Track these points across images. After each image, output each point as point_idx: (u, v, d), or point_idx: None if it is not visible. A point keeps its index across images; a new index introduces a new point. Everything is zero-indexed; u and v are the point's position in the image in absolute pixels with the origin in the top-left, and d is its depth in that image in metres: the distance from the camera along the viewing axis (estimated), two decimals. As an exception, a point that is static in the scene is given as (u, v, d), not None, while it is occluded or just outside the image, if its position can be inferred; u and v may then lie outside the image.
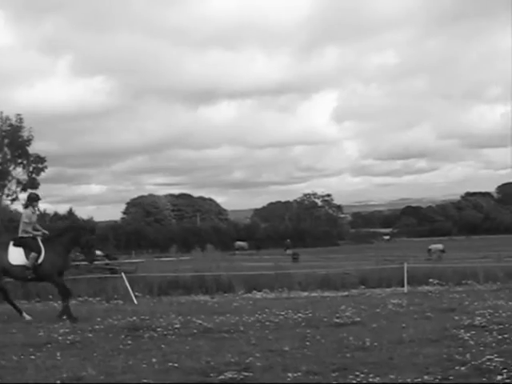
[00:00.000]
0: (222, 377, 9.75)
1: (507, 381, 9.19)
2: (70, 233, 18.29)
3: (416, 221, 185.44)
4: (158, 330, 14.69)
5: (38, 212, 18.99)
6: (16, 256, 17.77)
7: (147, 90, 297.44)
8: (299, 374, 9.90)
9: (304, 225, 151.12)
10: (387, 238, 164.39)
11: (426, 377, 9.44)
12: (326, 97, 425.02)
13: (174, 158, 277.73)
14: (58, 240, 18.03)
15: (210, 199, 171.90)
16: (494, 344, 12.07)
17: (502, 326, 14.19)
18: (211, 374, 10.01)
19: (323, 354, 11.54)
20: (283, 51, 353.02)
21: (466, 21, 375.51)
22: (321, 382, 9.44)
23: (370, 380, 9.29)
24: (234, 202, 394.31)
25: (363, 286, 28.88)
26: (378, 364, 10.53)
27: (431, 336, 13.19)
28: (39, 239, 17.98)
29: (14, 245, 17.93)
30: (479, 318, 15.21)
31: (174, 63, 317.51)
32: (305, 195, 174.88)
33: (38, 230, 18.19)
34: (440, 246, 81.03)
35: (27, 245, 17.79)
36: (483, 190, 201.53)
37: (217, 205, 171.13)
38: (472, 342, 12.21)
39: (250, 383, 9.50)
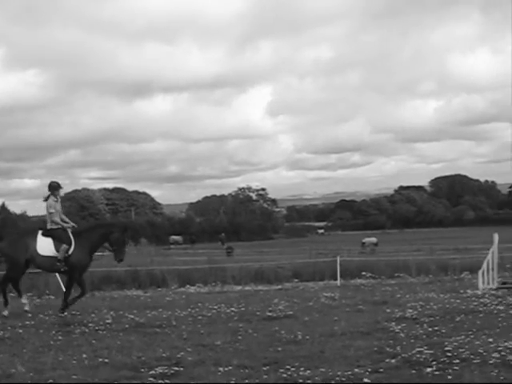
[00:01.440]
0: (152, 372, 9.67)
1: (436, 373, 9.27)
2: (100, 229, 17.86)
3: (350, 214, 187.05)
4: (90, 325, 14.55)
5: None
6: (45, 246, 17.13)
7: (82, 84, 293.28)
8: (230, 368, 9.87)
9: (239, 219, 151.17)
10: (321, 231, 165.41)
11: (356, 369, 9.48)
12: (261, 91, 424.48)
13: (108, 152, 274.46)
14: (88, 235, 17.47)
15: (145, 193, 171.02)
16: (424, 336, 12.21)
17: (432, 319, 14.38)
18: (142, 369, 9.93)
19: (255, 348, 11.52)
20: (219, 45, 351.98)
21: (401, 16, 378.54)
22: (252, 375, 9.40)
23: (301, 373, 9.29)
24: (169, 196, 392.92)
25: (297, 280, 28.98)
26: (309, 357, 10.55)
27: (363, 329, 13.28)
28: (69, 231, 17.42)
29: (43, 235, 17.33)
30: (410, 311, 15.38)
31: (109, 56, 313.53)
32: (240, 189, 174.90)
33: (65, 222, 17.63)
34: (373, 240, 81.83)
35: (57, 236, 17.20)
36: (416, 184, 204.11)
37: (151, 199, 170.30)
38: (403, 335, 12.34)
39: (180, 382, 9.40)
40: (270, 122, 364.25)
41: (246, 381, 9.10)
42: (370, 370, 9.53)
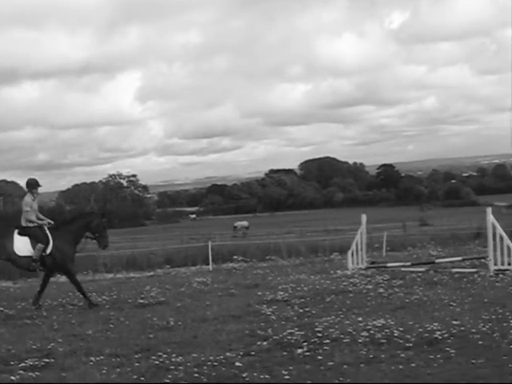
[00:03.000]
0: (22, 364, 9.47)
1: (307, 353, 9.41)
2: (79, 220, 17.10)
3: (222, 199, 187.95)
4: (-44, 319, 14.09)
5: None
6: (22, 246, 16.36)
7: None
8: (102, 357, 9.76)
9: (110, 206, 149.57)
10: (194, 216, 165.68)
11: (228, 353, 9.52)
12: (130, 77, 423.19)
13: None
14: (67, 228, 16.77)
15: (14, 182, 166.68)
16: (295, 318, 12.39)
17: (303, 300, 14.60)
18: (12, 362, 9.71)
19: (127, 336, 11.43)
20: (86, 31, 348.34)
21: (267, 1, 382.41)
22: (124, 364, 9.31)
23: (173, 359, 9.26)
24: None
25: (169, 266, 28.84)
26: (181, 343, 10.54)
27: (234, 312, 13.35)
28: (46, 228, 16.63)
29: (19, 234, 16.52)
30: (282, 293, 15.56)
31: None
32: (110, 176, 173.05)
33: (41, 219, 16.80)
34: (245, 223, 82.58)
35: (33, 235, 16.43)
36: (286, 167, 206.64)
37: (20, 188, 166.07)
38: (274, 317, 12.48)
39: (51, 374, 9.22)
40: (140, 107, 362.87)
41: (118, 369, 9.00)
42: (241, 353, 9.59)
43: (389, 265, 20.09)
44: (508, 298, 13.43)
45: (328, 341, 10.02)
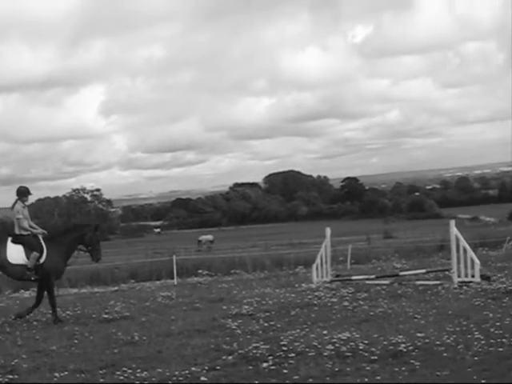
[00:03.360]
0: (-15, 381, 9.35)
1: (273, 367, 9.40)
2: (74, 232, 16.82)
3: (186, 213, 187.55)
4: None
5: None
6: (15, 254, 16.02)
7: None
8: (66, 373, 9.66)
9: (74, 220, 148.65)
10: (158, 230, 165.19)
11: (193, 368, 9.48)
12: (94, 90, 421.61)
13: None
14: (61, 239, 16.50)
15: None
16: (260, 332, 12.36)
17: (268, 314, 14.59)
18: (-27, 380, 9.58)
19: (91, 351, 11.33)
20: (49, 45, 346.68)
21: (231, 16, 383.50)
22: (88, 379, 9.24)
23: (138, 375, 9.21)
24: (2, 199, 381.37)
25: (133, 280, 28.71)
26: (146, 358, 10.48)
27: (199, 327, 13.30)
28: (40, 237, 16.35)
29: (13, 242, 16.20)
30: (247, 307, 15.54)
31: None
32: (74, 190, 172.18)
33: (34, 228, 16.53)
34: (210, 237, 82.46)
35: (27, 243, 16.12)
36: (251, 181, 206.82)
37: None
38: (239, 331, 12.45)
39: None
40: (103, 121, 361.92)
41: (82, 385, 8.93)
42: (207, 367, 9.56)
43: (353, 278, 20.16)
44: (472, 309, 13.53)
45: (293, 354, 10.01)
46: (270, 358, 9.90)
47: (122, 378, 9.13)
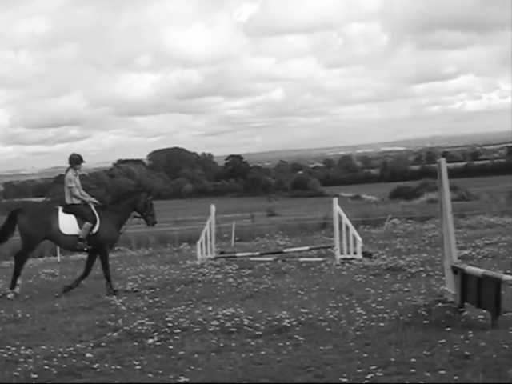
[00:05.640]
0: None
1: (158, 343, 9.46)
2: (127, 199, 16.33)
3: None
4: None
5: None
6: (67, 224, 15.41)
7: None
8: None
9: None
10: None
11: (78, 345, 9.47)
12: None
13: None
14: (114, 207, 15.97)
15: None
16: (145, 308, 12.42)
17: (153, 290, 14.63)
18: None
19: (-28, 330, 11.13)
20: None
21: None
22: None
23: (22, 352, 9.12)
24: None
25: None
26: (30, 335, 10.39)
27: (84, 304, 13.26)
28: (92, 206, 15.74)
29: (64, 211, 15.56)
30: (131, 284, 15.57)
31: None
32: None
33: (85, 196, 15.95)
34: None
35: (80, 212, 15.52)
36: (135, 158, 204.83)
37: None
38: (124, 308, 12.48)
39: None
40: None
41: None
42: (92, 344, 9.56)
43: (238, 255, 20.33)
44: (354, 286, 13.88)
45: (178, 330, 10.10)
46: (156, 334, 9.96)
47: (5, 355, 9.01)
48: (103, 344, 9.56)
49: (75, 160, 16.04)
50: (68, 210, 15.61)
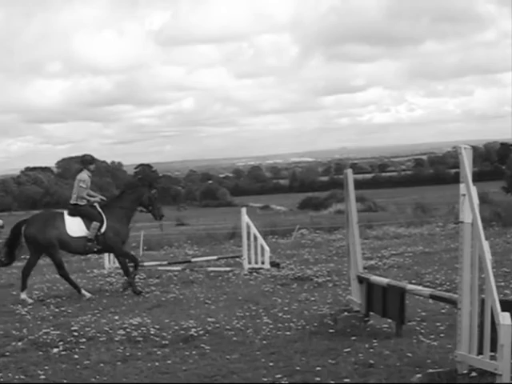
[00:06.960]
0: None
1: (63, 353, 9.40)
2: (130, 194, 15.88)
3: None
4: None
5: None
6: (75, 227, 15.03)
7: None
8: None
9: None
10: None
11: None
12: None
13: None
14: (118, 204, 15.59)
15: None
16: (51, 317, 12.29)
17: (59, 300, 14.50)
18: None
19: None
20: None
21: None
22: None
23: None
24: None
25: None
26: None
27: (-14, 313, 13.02)
28: (97, 206, 15.28)
29: (70, 214, 15.16)
30: (37, 292, 15.39)
31: None
32: None
33: (92, 196, 15.51)
34: (0, 222, 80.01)
35: (86, 213, 15.14)
36: (43, 165, 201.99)
37: None
38: (29, 317, 12.32)
39: None
40: None
41: None
42: (-5, 354, 9.41)
43: (146, 264, 20.21)
44: (261, 295, 13.96)
45: (84, 340, 10.03)
46: (61, 343, 9.87)
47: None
48: (7, 354, 9.43)
49: (89, 161, 16.04)
50: (73, 212, 15.48)
